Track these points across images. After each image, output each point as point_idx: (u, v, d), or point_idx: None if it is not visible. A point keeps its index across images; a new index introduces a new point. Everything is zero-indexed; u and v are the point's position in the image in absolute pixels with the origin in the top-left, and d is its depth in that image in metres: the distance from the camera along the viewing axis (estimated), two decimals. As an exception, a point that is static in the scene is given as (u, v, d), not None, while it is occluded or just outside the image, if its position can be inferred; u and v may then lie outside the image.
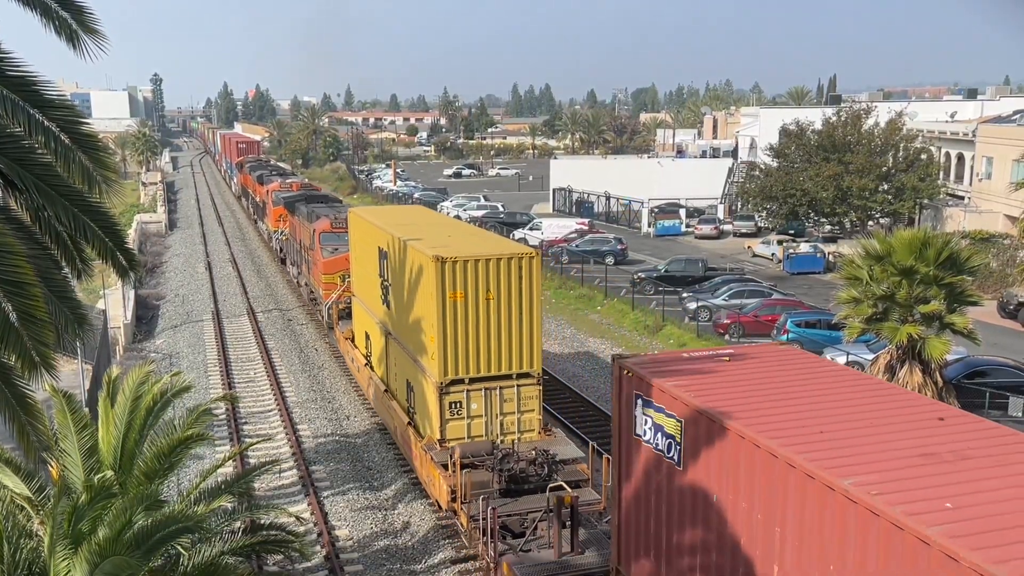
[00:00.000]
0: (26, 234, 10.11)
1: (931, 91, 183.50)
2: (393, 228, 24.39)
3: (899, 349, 22.45)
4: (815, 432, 10.92)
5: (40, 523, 12.84)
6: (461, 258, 19.96)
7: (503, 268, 20.20)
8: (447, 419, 20.37)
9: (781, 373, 13.96)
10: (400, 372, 23.84)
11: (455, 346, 20.15)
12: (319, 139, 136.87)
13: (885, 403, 12.31)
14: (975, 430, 11.21)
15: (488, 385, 20.42)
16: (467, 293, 19.99)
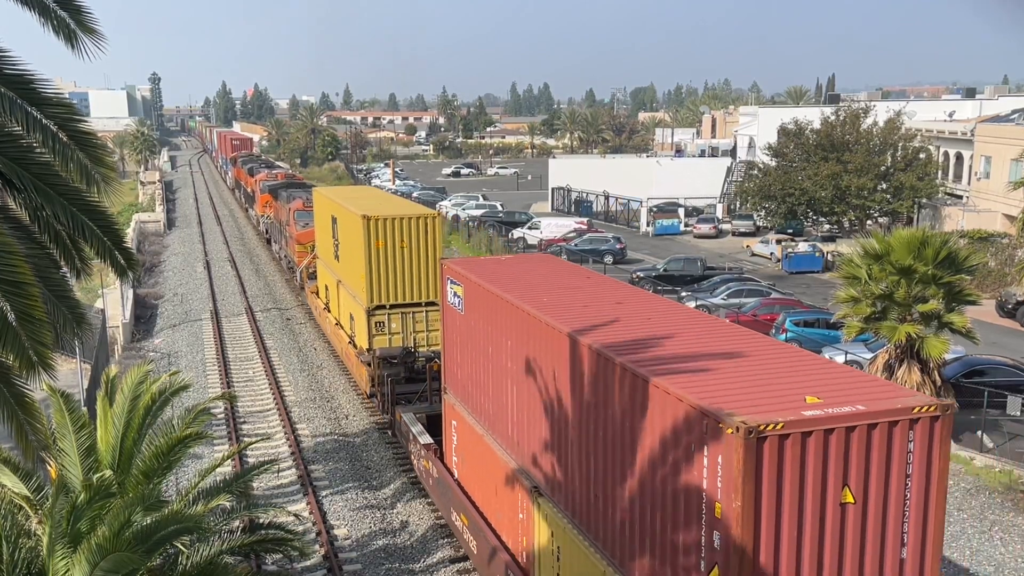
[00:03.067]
0: (24, 233, 10.09)
1: (930, 90, 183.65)
2: (341, 200, 31.26)
3: (897, 348, 22.48)
4: (543, 297, 15.98)
5: (39, 522, 12.83)
6: (382, 216, 26.87)
7: (412, 224, 27.05)
8: (373, 334, 27.28)
9: (538, 267, 19.86)
10: (345, 308, 31.11)
11: (379, 281, 26.99)
12: (317, 138, 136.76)
13: (599, 288, 17.43)
14: (656, 303, 16.67)
15: (404, 311, 27.24)
16: (386, 242, 26.81)
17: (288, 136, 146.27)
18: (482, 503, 18.05)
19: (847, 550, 10.28)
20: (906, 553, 10.50)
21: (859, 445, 10.02)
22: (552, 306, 15.14)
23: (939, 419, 10.29)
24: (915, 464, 10.35)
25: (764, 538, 9.86)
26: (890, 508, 10.36)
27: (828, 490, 10.01)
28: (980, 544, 20.81)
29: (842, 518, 10.15)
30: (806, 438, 9.79)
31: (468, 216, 71.06)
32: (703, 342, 13.04)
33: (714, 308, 39.70)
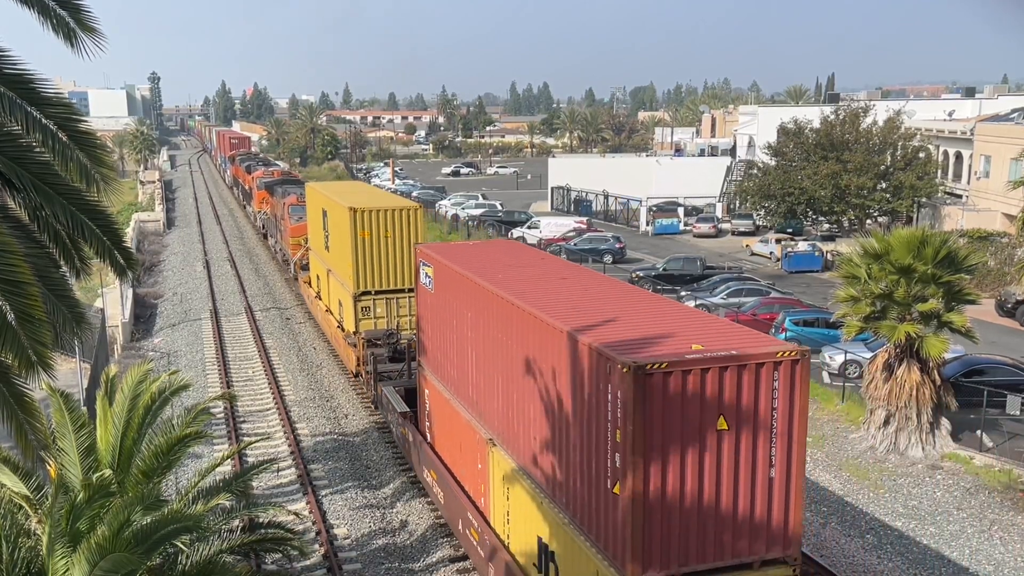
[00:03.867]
0: (24, 233, 10.09)
1: (929, 90, 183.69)
2: (331, 194, 33.52)
3: (897, 347, 22.49)
4: (498, 275, 17.62)
5: (38, 522, 12.83)
6: (367, 208, 28.86)
7: (395, 216, 28.95)
8: (360, 318, 29.27)
9: (500, 251, 21.75)
10: (334, 295, 33.24)
11: (364, 269, 28.96)
12: (317, 137, 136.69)
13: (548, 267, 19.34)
14: (593, 278, 18.67)
15: (388, 296, 29.25)
16: (371, 233, 28.78)
17: (288, 135, 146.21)
18: (449, 460, 20.12)
19: (724, 469, 12.27)
20: (774, 473, 12.47)
21: (731, 382, 12.00)
22: (504, 281, 17.05)
23: (799, 362, 12.28)
24: (780, 399, 12.29)
25: (653, 458, 11.91)
26: (759, 435, 12.34)
27: (706, 419, 12.03)
28: (980, 543, 20.82)
29: (718, 442, 12.15)
30: (686, 375, 11.81)
31: (468, 215, 71.04)
32: (622, 306, 15.16)
33: (713, 307, 39.69)
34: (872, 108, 63.15)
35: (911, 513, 22.25)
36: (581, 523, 13.36)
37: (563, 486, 13.91)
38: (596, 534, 12.91)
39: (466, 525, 18.35)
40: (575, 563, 13.45)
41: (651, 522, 12.01)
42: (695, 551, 12.27)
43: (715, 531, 12.36)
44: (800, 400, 12.36)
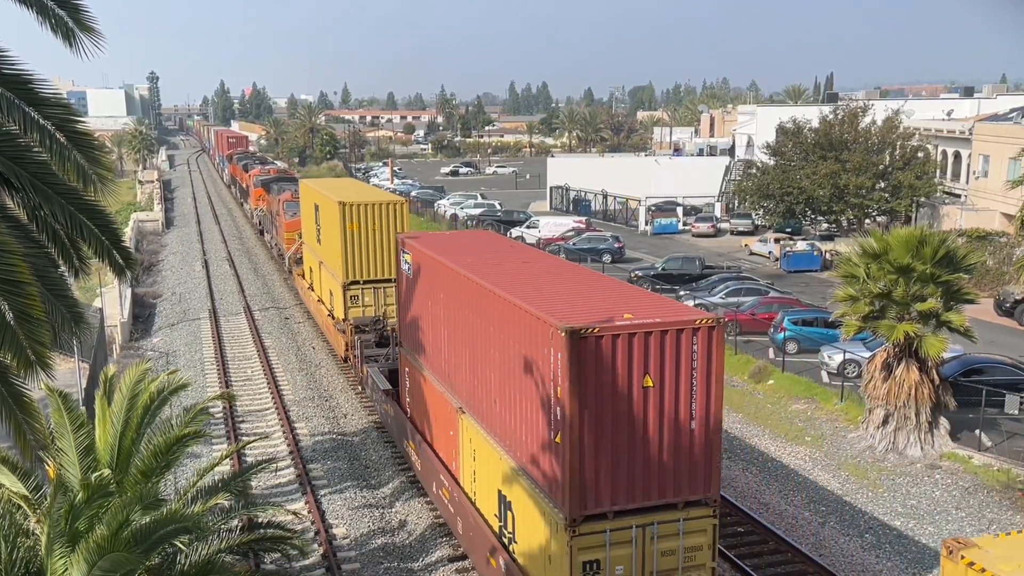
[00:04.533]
0: (22, 232, 10.09)
1: (928, 89, 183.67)
2: (323, 189, 35.41)
3: (896, 347, 22.50)
4: (468, 259, 19.21)
5: (37, 522, 12.82)
6: (355, 202, 30.52)
7: (382, 210, 30.55)
8: (349, 307, 30.94)
9: (474, 239, 24.35)
10: (325, 285, 34.80)
11: (353, 259, 30.57)
12: (316, 137, 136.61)
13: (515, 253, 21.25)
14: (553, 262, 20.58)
15: (376, 286, 30.79)
16: (360, 225, 30.27)
17: (286, 135, 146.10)
18: (425, 430, 21.86)
19: (650, 422, 14.00)
20: (694, 425, 14.19)
21: (656, 345, 13.79)
22: (472, 264, 18.77)
23: (714, 329, 14.02)
24: (699, 360, 14.01)
25: (588, 411, 13.55)
26: (681, 391, 14.04)
27: (633, 377, 13.74)
28: (978, 542, 20.82)
29: (645, 398, 13.89)
30: (615, 339, 13.57)
31: (467, 215, 71.02)
32: (573, 284, 17.20)
33: (712, 307, 39.69)
34: (871, 108, 63.15)
35: (910, 512, 22.26)
36: (531, 472, 15.14)
37: (517, 441, 15.71)
38: (542, 480, 14.68)
39: (439, 487, 20.22)
40: (526, 508, 15.26)
41: (586, 467, 13.72)
42: (625, 492, 14.04)
43: (643, 475, 14.10)
44: (716, 361, 14.08)
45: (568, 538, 13.74)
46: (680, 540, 14.35)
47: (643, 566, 14.23)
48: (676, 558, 14.35)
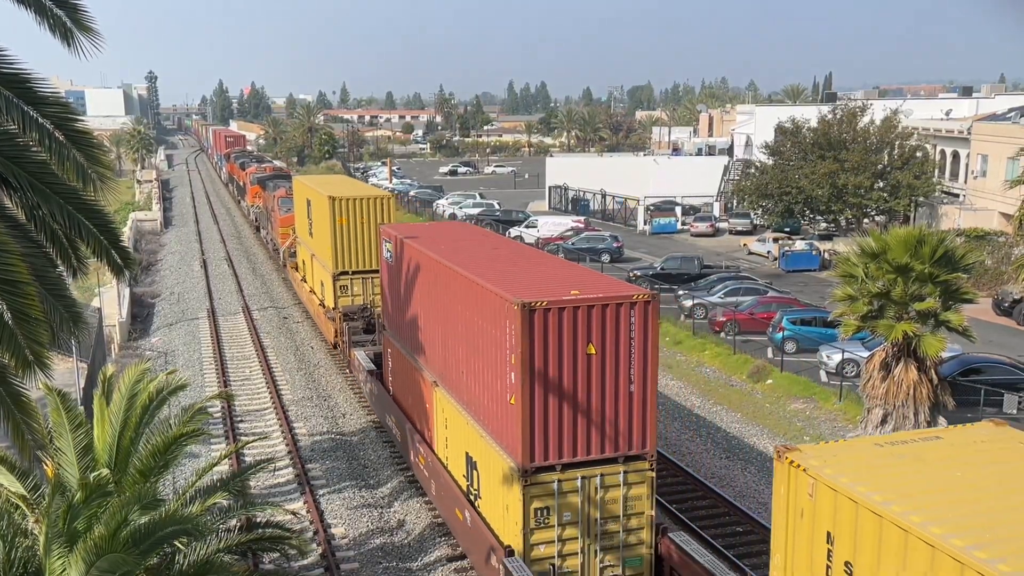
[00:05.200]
0: (21, 232, 10.09)
1: (926, 89, 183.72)
2: (315, 185, 36.66)
3: (894, 346, 22.47)
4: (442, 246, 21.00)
5: (35, 522, 12.80)
6: (345, 197, 31.94)
7: (370, 204, 31.96)
8: (338, 296, 32.40)
9: (451, 229, 27.34)
10: (317, 276, 36.46)
11: (342, 251, 32.06)
12: (314, 136, 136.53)
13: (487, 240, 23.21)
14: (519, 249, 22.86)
15: (364, 276, 32.27)
16: (349, 219, 31.85)
17: (285, 135, 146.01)
18: (405, 405, 23.62)
19: (593, 385, 15.72)
20: (633, 388, 15.94)
21: (598, 317, 15.53)
22: (445, 251, 20.40)
23: (650, 303, 15.83)
24: (636, 330, 15.77)
25: (538, 376, 15.35)
26: (620, 358, 15.77)
27: (578, 345, 15.47)
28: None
29: (588, 364, 15.62)
30: (562, 312, 15.35)
31: (465, 215, 71.00)
32: (534, 267, 19.05)
33: (711, 306, 39.71)
34: (869, 107, 63.15)
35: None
36: (492, 432, 16.87)
37: (481, 407, 17.42)
38: (500, 438, 16.41)
39: (416, 455, 22.16)
40: (488, 464, 17.05)
41: (536, 425, 15.51)
42: (571, 447, 15.77)
43: (587, 432, 15.82)
44: (652, 332, 15.89)
45: (522, 488, 15.58)
46: (621, 490, 16.14)
47: (588, 513, 16.01)
48: (618, 506, 16.20)
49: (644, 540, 16.41)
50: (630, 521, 16.25)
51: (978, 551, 7.70)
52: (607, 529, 16.20)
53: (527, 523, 15.70)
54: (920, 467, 9.51)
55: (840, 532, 9.11)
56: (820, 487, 9.30)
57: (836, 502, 9.14)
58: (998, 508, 8.58)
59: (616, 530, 16.24)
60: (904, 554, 8.36)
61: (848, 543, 9.04)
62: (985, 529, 8.13)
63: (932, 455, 9.86)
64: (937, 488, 9.00)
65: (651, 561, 16.56)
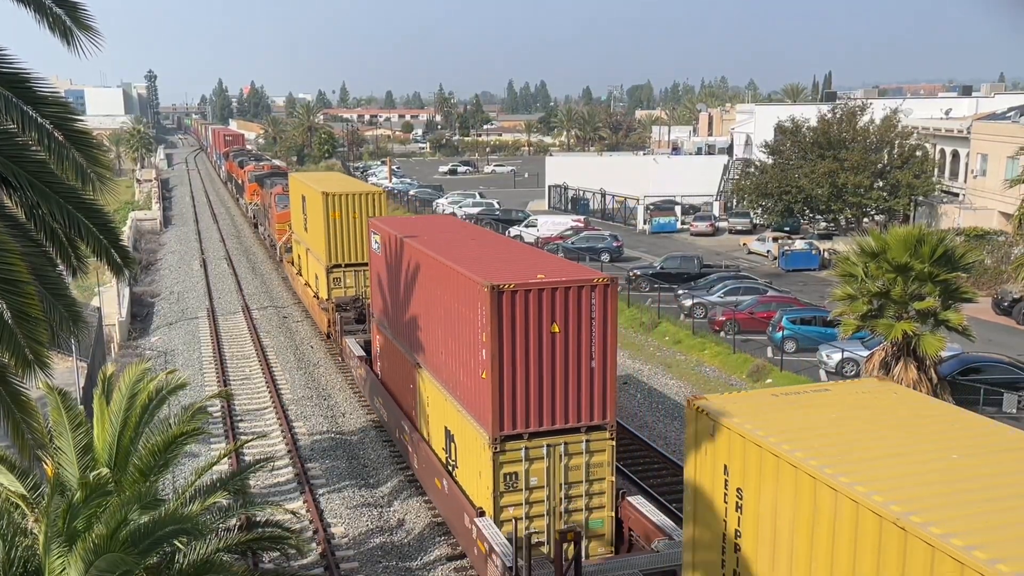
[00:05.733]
0: (20, 231, 10.08)
1: (926, 88, 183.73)
2: (309, 182, 38.50)
3: (894, 346, 22.46)
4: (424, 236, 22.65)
5: (35, 521, 12.80)
6: (337, 192, 33.54)
7: (362, 199, 33.50)
8: (331, 288, 33.79)
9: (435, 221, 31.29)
10: (311, 269, 38.19)
11: (335, 244, 33.54)
12: (314, 136, 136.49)
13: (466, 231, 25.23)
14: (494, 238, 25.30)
15: (356, 269, 33.55)
16: (341, 214, 33.24)
17: (285, 134, 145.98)
18: (391, 387, 25.32)
19: (557, 361, 17.01)
20: (594, 364, 17.14)
21: (561, 299, 16.83)
22: (428, 241, 21.97)
23: (609, 286, 17.06)
24: (596, 311, 16.97)
25: (506, 352, 16.63)
26: (583, 336, 17.01)
27: (543, 324, 16.80)
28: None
29: (552, 341, 16.92)
30: (528, 294, 16.66)
31: (465, 214, 70.94)
32: (507, 254, 20.65)
33: (711, 306, 39.71)
34: (869, 106, 63.14)
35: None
36: (466, 406, 18.20)
37: (458, 383, 18.77)
38: (474, 411, 17.71)
39: (401, 432, 23.89)
40: (464, 435, 18.49)
41: (505, 397, 16.78)
42: (537, 418, 17.08)
43: (552, 404, 17.11)
44: (611, 312, 17.08)
45: (492, 455, 16.90)
46: (584, 457, 17.47)
47: (554, 478, 17.33)
48: (581, 472, 17.49)
49: (605, 504, 17.72)
50: (592, 486, 17.57)
51: (829, 468, 9.38)
52: (571, 493, 17.52)
53: (497, 487, 17.06)
54: (802, 411, 11.14)
55: (733, 464, 10.80)
56: (719, 427, 10.97)
57: (730, 439, 10.84)
58: (856, 440, 10.08)
59: (579, 494, 17.55)
60: (777, 477, 9.97)
61: (739, 472, 10.70)
62: (840, 454, 9.67)
63: (815, 402, 11.53)
64: (810, 427, 10.58)
65: (612, 522, 17.84)
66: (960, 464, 9.51)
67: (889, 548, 8.43)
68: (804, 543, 9.57)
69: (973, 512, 8.46)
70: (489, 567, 16.55)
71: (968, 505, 8.61)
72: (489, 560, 16.50)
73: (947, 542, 7.89)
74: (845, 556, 9.02)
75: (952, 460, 9.55)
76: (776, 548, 10.05)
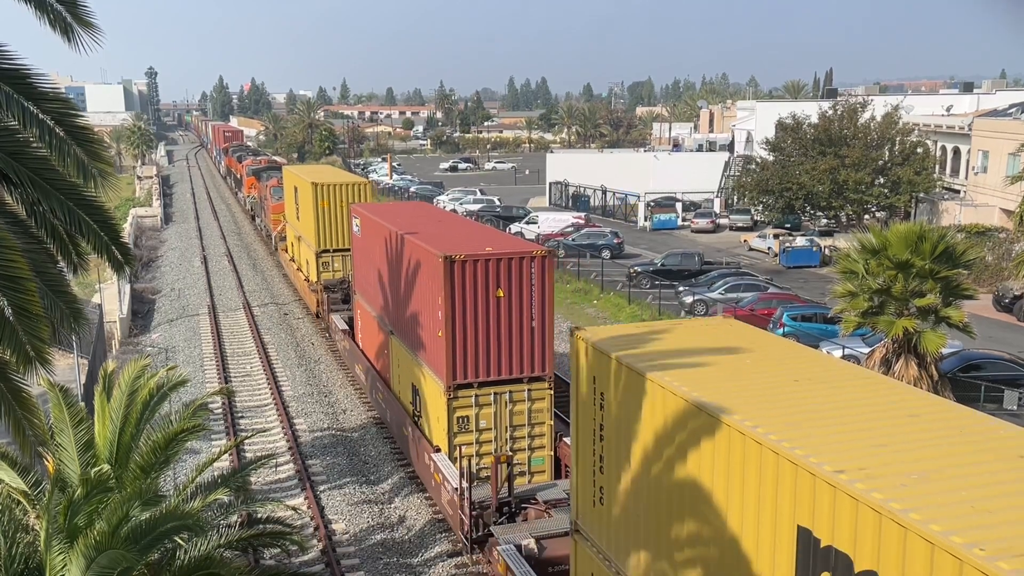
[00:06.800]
0: (21, 228, 10.07)
1: (927, 85, 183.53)
2: (301, 174, 41.31)
3: (895, 343, 22.45)
4: (399, 220, 25.27)
5: (36, 517, 12.81)
6: (326, 183, 36.26)
7: (349, 189, 36.31)
8: (321, 271, 36.83)
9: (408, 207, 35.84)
10: (303, 255, 40.98)
11: (325, 231, 36.43)
12: (315, 132, 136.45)
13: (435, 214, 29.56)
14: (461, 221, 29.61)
15: (344, 253, 35.79)
16: (329, 203, 36.04)
17: (285, 131, 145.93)
18: (370, 355, 28.21)
19: (502, 321, 19.63)
20: (534, 324, 19.79)
21: (505, 268, 19.49)
22: (398, 222, 24.74)
23: (546, 258, 19.80)
24: (536, 279, 19.66)
25: (458, 314, 19.36)
26: (524, 300, 19.67)
27: (489, 289, 19.43)
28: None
29: (498, 304, 19.56)
30: (476, 263, 19.31)
31: (466, 211, 70.92)
32: (466, 231, 24.24)
33: (712, 303, 39.70)
34: (870, 103, 63.08)
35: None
36: (427, 363, 21.07)
37: (419, 343, 21.80)
38: (433, 366, 20.49)
39: (376, 392, 27.11)
40: (426, 388, 21.34)
41: (458, 352, 19.49)
42: (486, 369, 19.67)
43: (498, 358, 19.73)
44: (548, 280, 19.72)
45: (447, 401, 19.59)
46: (526, 404, 20.05)
47: (500, 421, 19.94)
48: (524, 416, 20.11)
49: (545, 444, 20.27)
50: (534, 429, 20.21)
51: (660, 372, 11.67)
52: (516, 435, 20.12)
53: (451, 429, 19.73)
54: (653, 337, 13.68)
55: (599, 376, 13.19)
56: (590, 348, 13.36)
57: (596, 356, 13.24)
58: (685, 358, 12.43)
59: (523, 435, 20.18)
60: (620, 379, 12.53)
61: (603, 382, 13.08)
62: (673, 366, 11.95)
63: (665, 332, 14.10)
64: (656, 347, 13.00)
65: (551, 460, 20.35)
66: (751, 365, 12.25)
67: (698, 429, 10.77)
68: (642, 429, 12.16)
69: (751, 398, 10.81)
70: (443, 492, 19.77)
71: (752, 394, 11.03)
72: (442, 487, 19.68)
73: (753, 430, 9.75)
74: (670, 440, 11.42)
75: (745, 363, 12.39)
76: (618, 433, 12.84)
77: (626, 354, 12.55)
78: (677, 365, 11.89)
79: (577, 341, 13.80)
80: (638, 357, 12.38)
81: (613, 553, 13.15)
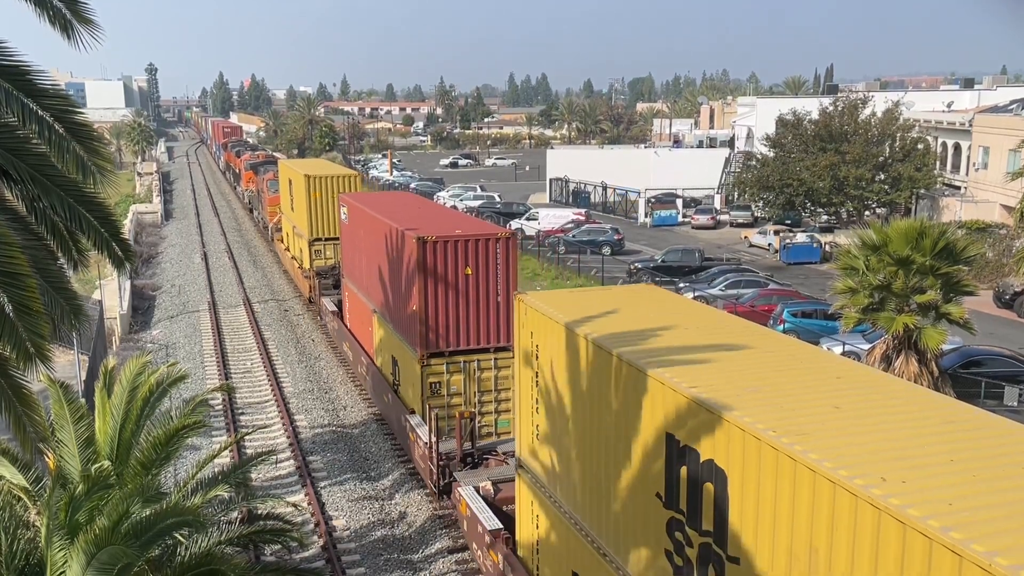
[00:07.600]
0: (21, 225, 10.06)
1: (928, 81, 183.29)
2: (295, 167, 43.35)
3: (895, 339, 22.45)
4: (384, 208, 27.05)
5: (37, 514, 12.82)
6: (318, 175, 38.77)
7: (339, 181, 38.77)
8: (313, 258, 39.01)
9: (392, 196, 37.50)
10: (296, 244, 43.42)
11: (316, 220, 38.67)
12: (315, 129, 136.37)
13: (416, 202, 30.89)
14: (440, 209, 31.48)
15: (335, 242, 36.92)
16: (321, 194, 38.36)
17: (285, 127, 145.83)
18: (356, 333, 30.40)
19: (471, 296, 21.69)
20: (499, 298, 21.69)
21: (472, 248, 21.50)
22: (380, 209, 26.89)
23: (510, 239, 21.78)
24: (500, 258, 21.64)
25: (430, 289, 21.36)
26: (490, 277, 21.64)
27: (459, 268, 21.41)
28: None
29: (467, 281, 21.58)
30: (447, 244, 21.30)
31: (466, 207, 70.92)
32: (439, 216, 26.06)
33: (712, 299, 39.67)
34: (870, 99, 63.04)
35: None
36: (404, 335, 23.26)
37: (398, 319, 23.95)
38: (408, 338, 22.71)
39: (360, 365, 29.39)
40: (403, 358, 23.52)
41: (430, 324, 21.52)
42: (454, 339, 21.72)
43: (467, 329, 21.75)
44: (512, 259, 21.70)
45: (420, 368, 21.62)
46: (493, 372, 21.99)
47: (469, 387, 21.91)
48: (491, 383, 22.07)
49: (511, 408, 20.91)
50: (500, 394, 22.01)
51: (584, 325, 13.36)
52: (483, 400, 21.99)
53: (424, 393, 21.70)
54: (583, 299, 15.29)
55: (536, 330, 14.94)
56: (528, 309, 15.15)
57: (532, 314, 15.01)
58: (604, 315, 13.91)
59: (490, 400, 22.04)
60: (550, 333, 14.29)
61: (539, 335, 14.83)
62: (597, 323, 13.42)
63: (595, 295, 16.19)
64: (582, 307, 14.41)
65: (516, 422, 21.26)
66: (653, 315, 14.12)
67: (600, 365, 12.66)
68: (569, 372, 13.83)
69: (639, 337, 12.72)
70: (415, 448, 22.19)
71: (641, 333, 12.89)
72: (416, 444, 22.07)
73: (637, 361, 11.70)
74: (594, 381, 13.00)
75: (649, 313, 14.25)
76: (553, 375, 14.43)
77: (554, 310, 14.49)
78: (593, 319, 13.78)
79: (517, 303, 15.67)
80: (565, 313, 14.13)
81: (545, 479, 15.17)
